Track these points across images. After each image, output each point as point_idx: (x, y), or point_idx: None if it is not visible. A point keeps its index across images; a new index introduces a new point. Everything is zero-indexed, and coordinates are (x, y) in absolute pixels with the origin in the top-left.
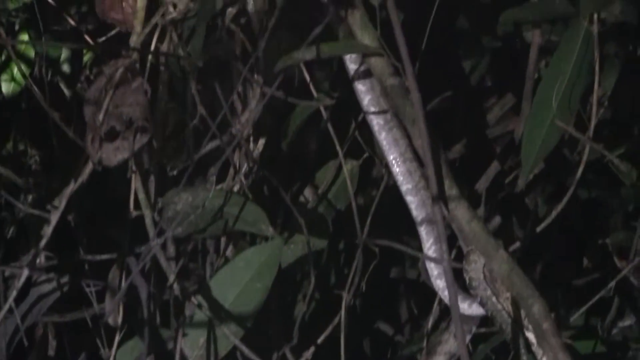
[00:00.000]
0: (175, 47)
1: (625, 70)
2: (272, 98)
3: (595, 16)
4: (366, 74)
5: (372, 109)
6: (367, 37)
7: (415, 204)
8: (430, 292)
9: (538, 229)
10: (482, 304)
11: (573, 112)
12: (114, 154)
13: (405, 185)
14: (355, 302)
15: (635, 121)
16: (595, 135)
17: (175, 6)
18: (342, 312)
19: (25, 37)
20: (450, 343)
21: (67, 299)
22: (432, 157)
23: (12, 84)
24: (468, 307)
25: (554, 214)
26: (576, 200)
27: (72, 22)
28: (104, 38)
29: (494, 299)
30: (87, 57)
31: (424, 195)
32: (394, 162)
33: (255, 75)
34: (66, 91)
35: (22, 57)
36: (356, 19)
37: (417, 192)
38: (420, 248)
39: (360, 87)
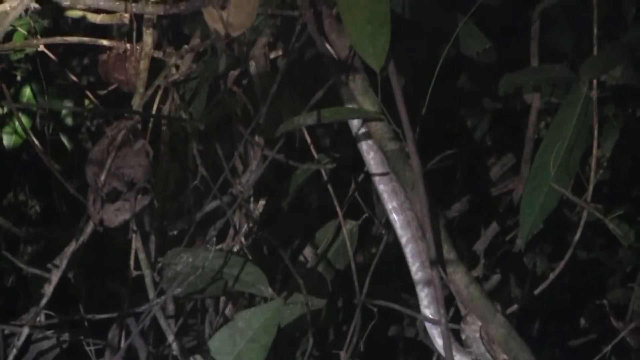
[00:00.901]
0: (177, 108)
1: (625, 132)
2: (273, 158)
3: (595, 82)
4: (370, 135)
5: (377, 170)
6: (367, 102)
7: (415, 265)
8: (428, 351)
9: (536, 292)
10: None
11: (571, 175)
12: (115, 215)
13: (408, 246)
14: None
15: (634, 182)
16: (594, 195)
17: (177, 68)
18: None
19: (27, 89)
20: None
21: (67, 355)
22: (431, 222)
23: (14, 137)
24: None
25: (552, 276)
26: (574, 260)
27: (74, 78)
28: (105, 91)
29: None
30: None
31: (424, 257)
32: (397, 223)
33: (257, 137)
34: (67, 144)
35: (24, 110)
36: (357, 83)
37: (418, 254)
38: (418, 306)
39: (365, 147)
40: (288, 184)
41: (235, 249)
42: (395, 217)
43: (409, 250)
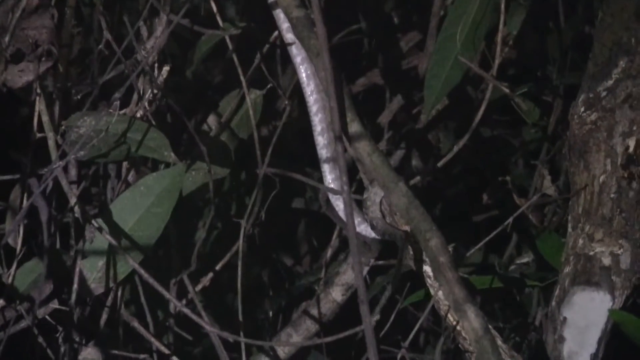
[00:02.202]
0: None
1: (532, 12)
2: (179, 26)
3: None
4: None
5: (291, 39)
6: None
7: (319, 130)
8: (330, 225)
9: (439, 164)
10: (379, 233)
11: (477, 50)
12: (19, 76)
13: (314, 109)
14: (254, 232)
15: (539, 62)
16: (501, 74)
17: None
18: (240, 240)
19: None
20: (348, 274)
21: None
22: (335, 90)
23: None
24: (365, 229)
25: (455, 149)
26: (479, 138)
27: None
28: None
29: (391, 229)
30: None
31: (328, 127)
32: (309, 94)
33: (162, 3)
34: None
35: None
36: None
37: (323, 122)
38: (321, 180)
39: (278, 14)
40: (193, 53)
41: (138, 115)
42: (305, 83)
43: (314, 115)
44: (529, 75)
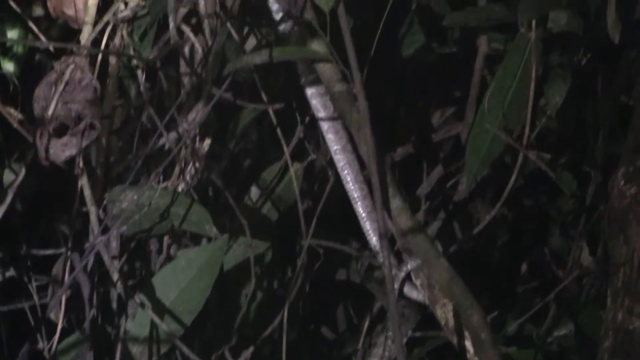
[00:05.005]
0: (126, 46)
1: (571, 83)
2: (219, 99)
3: (534, 23)
4: (316, 79)
5: (322, 114)
6: (316, 43)
7: (358, 204)
8: (367, 296)
9: (475, 230)
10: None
11: (517, 122)
12: (62, 149)
13: (353, 190)
14: (299, 304)
15: (578, 132)
16: (540, 143)
17: (126, 4)
18: (285, 311)
19: None
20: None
21: (8, 292)
22: (377, 164)
23: None
24: (417, 295)
25: (492, 213)
26: (520, 208)
27: (18, 9)
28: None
29: None
30: None
31: (369, 200)
32: (343, 168)
33: (204, 76)
34: (13, 74)
35: None
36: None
37: (364, 197)
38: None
39: (310, 91)
40: (234, 126)
41: (180, 189)
42: (339, 159)
43: (352, 193)
44: (569, 144)
